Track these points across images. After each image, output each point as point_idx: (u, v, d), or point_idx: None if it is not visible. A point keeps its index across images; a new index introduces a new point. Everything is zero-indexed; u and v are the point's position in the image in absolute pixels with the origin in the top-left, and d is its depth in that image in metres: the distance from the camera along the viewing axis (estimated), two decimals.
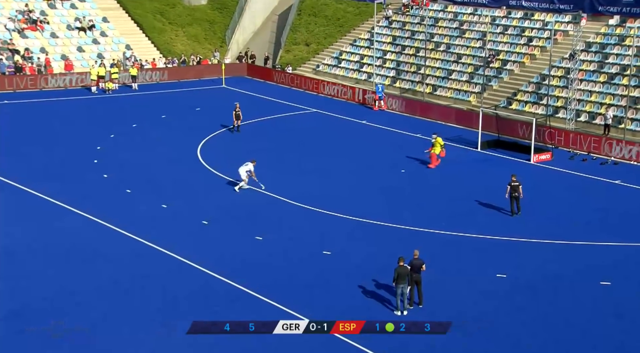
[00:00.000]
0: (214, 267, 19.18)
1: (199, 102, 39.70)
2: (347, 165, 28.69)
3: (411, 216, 23.04)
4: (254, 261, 19.67)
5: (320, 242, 20.92)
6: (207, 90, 43.07)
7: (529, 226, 22.23)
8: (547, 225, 22.29)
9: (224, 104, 39.57)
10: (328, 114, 37.59)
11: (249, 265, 19.40)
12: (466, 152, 30.71)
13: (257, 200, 24.50)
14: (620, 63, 34.17)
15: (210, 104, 39.29)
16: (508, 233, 21.57)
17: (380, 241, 21.03)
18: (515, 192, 22.97)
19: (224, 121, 35.52)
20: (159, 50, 47.72)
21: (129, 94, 41.33)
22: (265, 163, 28.96)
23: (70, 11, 47.37)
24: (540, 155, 29.33)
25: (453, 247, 20.69)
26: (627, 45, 34.64)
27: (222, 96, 41.54)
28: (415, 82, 40.51)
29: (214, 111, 37.65)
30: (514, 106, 35.47)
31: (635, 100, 32.14)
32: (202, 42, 50.40)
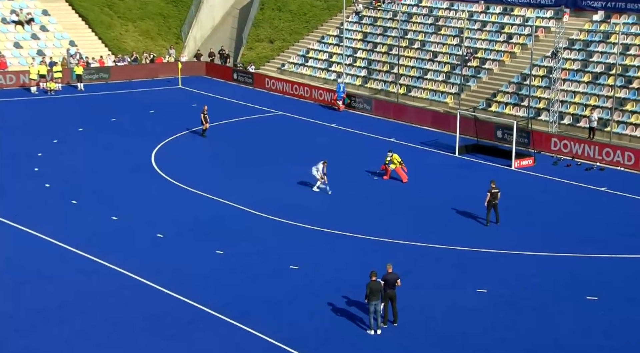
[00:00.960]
0: (171, 285, 19.06)
1: (153, 104, 39.47)
2: None
3: (385, 227, 23.20)
4: (215, 277, 19.61)
5: (287, 256, 20.95)
6: (162, 91, 42.83)
7: (510, 236, 22.58)
8: (529, 236, 22.67)
9: (180, 106, 39.46)
10: (295, 117, 37.71)
11: (209, 282, 19.34)
12: (443, 157, 31.06)
13: (217, 211, 24.43)
14: (605, 62, 35.04)
15: (166, 106, 39.11)
16: (488, 245, 21.89)
17: (352, 255, 21.14)
18: (495, 200, 23.27)
19: (181, 125, 35.44)
20: (107, 47, 47.28)
21: (74, 95, 40.87)
22: (227, 171, 28.95)
23: (5, 2, 46.58)
24: (521, 160, 29.80)
25: (430, 260, 20.88)
26: (612, 42, 35.56)
27: (178, 97, 41.37)
28: (388, 82, 40.89)
29: (170, 114, 37.48)
30: (494, 107, 36.03)
31: (622, 101, 32.99)
32: (155, 38, 50.11)
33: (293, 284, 19.27)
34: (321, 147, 32.42)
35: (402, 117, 36.70)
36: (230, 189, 26.44)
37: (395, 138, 33.74)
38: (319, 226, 23.14)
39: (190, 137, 33.90)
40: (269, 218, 23.83)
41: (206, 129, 33.46)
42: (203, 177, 28.00)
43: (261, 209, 24.51)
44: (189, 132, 34.66)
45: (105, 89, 42.46)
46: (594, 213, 24.54)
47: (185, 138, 33.61)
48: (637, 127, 31.78)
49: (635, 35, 35.32)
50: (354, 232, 22.73)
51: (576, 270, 20.19)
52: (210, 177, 28.05)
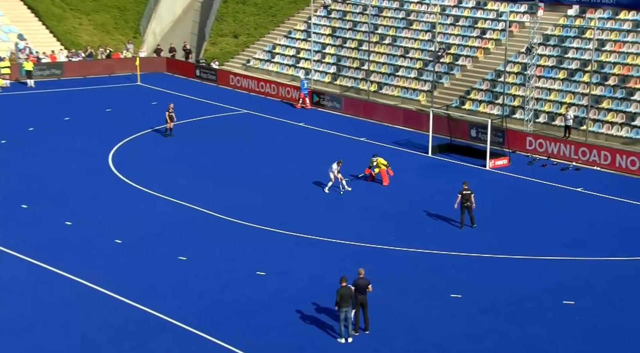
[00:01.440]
0: (132, 294, 18.91)
1: (110, 102, 39.07)
2: (285, 174, 28.80)
3: (356, 231, 23.29)
4: (180, 285, 19.51)
5: (255, 262, 20.93)
6: (119, 88, 42.42)
7: (485, 239, 22.85)
8: (504, 238, 22.98)
9: (139, 104, 39.16)
10: (261, 115, 37.64)
11: (174, 291, 19.24)
12: (416, 157, 31.30)
13: (181, 215, 24.31)
14: (580, 58, 35.70)
15: (124, 104, 38.78)
16: (463, 248, 22.13)
17: (322, 260, 21.20)
18: (467, 201, 23.39)
19: (141, 124, 35.17)
20: (59, 41, 46.64)
21: (24, 92, 40.26)
22: (191, 172, 28.80)
23: None
24: (496, 160, 30.15)
25: (403, 264, 21.03)
26: (587, 38, 36.25)
27: (137, 95, 41.04)
28: (359, 79, 41.05)
29: (128, 113, 37.15)
30: (467, 105, 36.44)
31: (597, 99, 33.66)
32: (111, 32, 49.58)
33: (262, 291, 19.27)
34: (290, 147, 32.45)
35: (373, 115, 36.89)
36: (194, 192, 26.32)
37: (366, 138, 33.91)
38: (289, 231, 23.15)
39: (151, 137, 33.64)
40: (237, 223, 23.76)
41: (171, 129, 33.23)
42: (165, 179, 27.84)
43: (228, 213, 24.42)
44: (150, 131, 34.38)
45: (57, 86, 41.88)
46: (571, 215, 24.97)
47: (146, 138, 33.34)
48: (613, 125, 32.47)
49: (610, 31, 36.08)
50: (324, 236, 22.80)
51: (554, 274, 20.54)
52: (173, 179, 27.89)
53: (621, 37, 35.53)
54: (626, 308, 18.59)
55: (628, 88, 33.36)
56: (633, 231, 23.45)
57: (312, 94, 38.93)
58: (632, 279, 20.20)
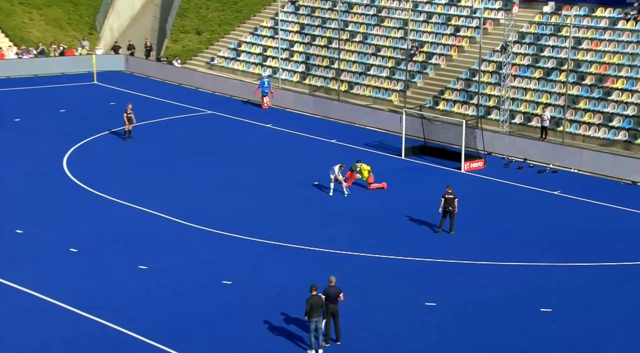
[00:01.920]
0: (89, 306, 18.69)
1: (64, 102, 38.62)
2: (252, 178, 28.76)
3: (327, 237, 23.31)
4: (139, 296, 19.35)
5: (221, 270, 20.83)
6: (74, 87, 41.97)
7: (460, 244, 23.05)
8: (480, 243, 23.19)
9: (96, 104, 38.76)
10: (227, 116, 37.54)
11: (133, 302, 19.07)
12: (388, 160, 31.45)
13: (141, 222, 24.12)
14: (556, 56, 36.25)
15: (79, 104, 38.39)
16: (437, 254, 22.30)
17: (291, 268, 21.18)
18: (450, 206, 23.59)
19: (98, 126, 34.85)
20: (7, 37, 45.95)
21: None
22: (151, 176, 28.61)
23: None
24: (471, 163, 30.47)
25: (376, 272, 21.10)
26: (563, 36, 36.82)
27: (93, 95, 40.69)
28: (329, 78, 41.12)
29: (84, 113, 36.80)
30: (441, 106, 36.74)
31: (574, 99, 34.21)
32: (65, 28, 49.00)
33: (227, 301, 19.19)
34: (256, 149, 32.38)
35: (344, 116, 36.99)
36: (155, 197, 26.15)
37: (336, 139, 33.99)
38: (256, 237, 23.11)
39: (108, 139, 33.36)
40: (200, 229, 23.66)
41: (129, 131, 33.05)
42: (123, 184, 27.64)
43: (190, 219, 24.32)
44: (107, 133, 34.09)
45: (6, 86, 41.26)
46: (548, 219, 25.30)
47: (103, 141, 33.06)
48: (590, 126, 33.02)
49: (587, 28, 36.71)
50: (293, 243, 22.79)
51: (530, 280, 20.80)
52: (132, 184, 27.70)
53: (598, 35, 36.18)
54: (602, 315, 18.88)
55: (605, 88, 33.99)
56: (611, 236, 23.85)
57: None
58: (608, 285, 20.52)
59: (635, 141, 31.57)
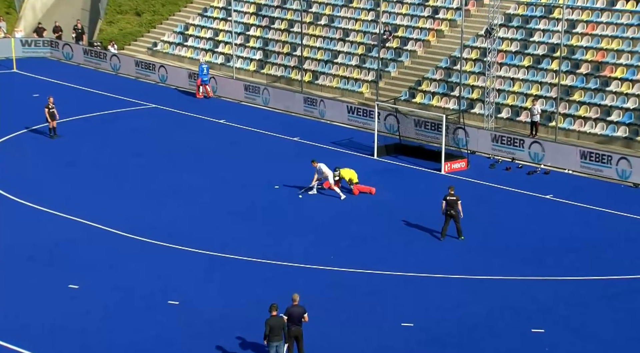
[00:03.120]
0: (8, 334, 18.38)
1: None
2: (199, 181, 28.64)
3: (289, 249, 23.28)
4: (67, 322, 19.08)
5: (164, 288, 20.68)
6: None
7: (436, 255, 23.14)
8: (459, 255, 23.28)
9: (16, 96, 38.32)
10: (172, 110, 37.33)
11: (60, 328, 18.82)
12: (359, 160, 31.42)
13: (69, 233, 23.88)
14: (548, 42, 36.59)
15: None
16: (411, 267, 22.35)
17: (247, 284, 21.09)
18: (452, 209, 23.86)
19: (18, 122, 34.39)
20: None
21: None
22: (85, 181, 28.31)
23: None
24: (452, 163, 30.62)
25: (343, 288, 21.09)
26: (555, 18, 37.23)
27: (12, 85, 40.21)
28: (290, 67, 41.06)
29: (2, 106, 36.31)
30: (418, 99, 36.87)
31: (568, 90, 34.59)
32: None
33: (172, 325, 19.04)
34: (207, 149, 32.20)
35: (308, 111, 36.95)
36: (85, 205, 25.95)
37: (300, 137, 33.96)
38: (203, 249, 23.00)
39: (30, 138, 32.99)
40: (139, 240, 23.55)
41: (54, 128, 32.64)
42: (50, 190, 27.39)
43: (129, 229, 24.18)
44: (28, 131, 33.67)
45: None
46: (538, 226, 25.50)
47: (25, 140, 32.69)
48: (586, 121, 33.39)
49: (582, 9, 37.15)
50: (247, 255, 22.70)
51: (514, 296, 20.92)
52: (60, 190, 27.48)
53: (594, 17, 36.62)
54: (592, 336, 19.03)
55: (603, 77, 34.40)
56: (606, 245, 24.11)
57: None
58: (598, 301, 20.66)
59: (637, 138, 32.00)
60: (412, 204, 26.77)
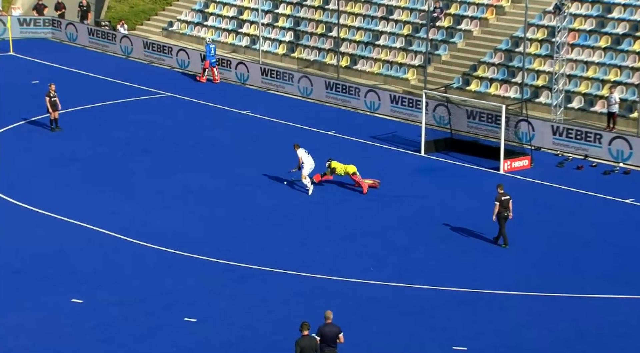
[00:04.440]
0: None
1: None
2: (218, 182, 28.76)
3: (320, 259, 23.25)
4: (62, 343, 19.09)
5: (176, 304, 20.68)
6: None
7: (494, 270, 22.97)
8: (521, 269, 23.06)
9: (12, 83, 38.70)
10: (189, 100, 37.45)
11: (54, 352, 18.79)
12: (403, 157, 31.36)
13: (70, 239, 24.01)
14: (629, 19, 36.04)
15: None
16: (463, 282, 22.19)
17: (273, 299, 21.10)
18: (507, 210, 23.96)
19: (14, 112, 34.76)
20: None
21: None
22: (87, 180, 28.57)
23: None
24: (513, 161, 30.42)
25: (383, 305, 21.02)
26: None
27: (8, 70, 40.59)
28: (325, 50, 41.04)
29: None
30: (474, 86, 36.66)
31: None
32: None
33: (185, 345, 19.01)
34: (225, 144, 32.34)
35: (345, 100, 36.89)
36: (87, 207, 26.12)
37: (335, 131, 33.91)
38: (221, 258, 23.07)
39: (28, 130, 33.31)
40: (147, 247, 23.67)
41: (56, 120, 32.98)
42: (46, 189, 27.63)
43: (135, 234, 24.31)
44: (26, 123, 34.02)
45: None
46: (615, 236, 25.19)
47: (21, 132, 32.99)
48: None
49: None
50: (272, 266, 22.73)
51: (586, 319, 20.63)
52: (58, 189, 27.70)
53: None
54: None
55: None
56: None
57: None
58: None
59: None
60: (465, 209, 26.56)
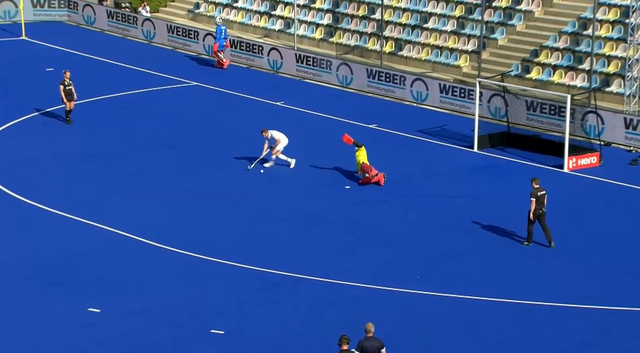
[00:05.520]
0: None
1: None
2: (247, 181, 28.95)
3: (359, 265, 23.34)
4: (79, 349, 19.34)
5: (204, 313, 20.87)
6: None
7: (550, 280, 22.87)
8: (584, 279, 22.95)
9: (24, 70, 39.23)
10: (218, 90, 37.64)
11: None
12: (454, 153, 31.40)
13: (88, 242, 24.30)
14: None
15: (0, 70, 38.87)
16: (517, 293, 22.12)
17: (307, 310, 21.19)
18: (543, 206, 24.11)
19: (26, 103, 35.11)
20: None
21: None
22: (106, 178, 28.86)
23: None
24: (579, 158, 30.34)
25: (430, 317, 21.05)
26: None
27: (21, 56, 41.12)
28: (366, 34, 41.08)
29: (7, 84, 37.15)
30: (534, 74, 36.50)
31: None
32: None
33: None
34: (257, 139, 32.36)
35: (389, 90, 36.98)
36: (105, 208, 26.36)
37: (377, 124, 33.99)
38: (249, 264, 23.19)
39: (42, 122, 33.63)
40: (170, 251, 23.84)
41: (70, 110, 33.29)
42: (59, 187, 27.87)
43: (156, 237, 24.50)
44: (39, 114, 34.32)
45: None
46: None
47: (34, 124, 33.34)
48: None
49: None
50: (306, 273, 22.82)
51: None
52: (73, 188, 27.93)
53: None
54: None
55: None
56: None
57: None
58: None
59: None
60: (522, 212, 26.28)
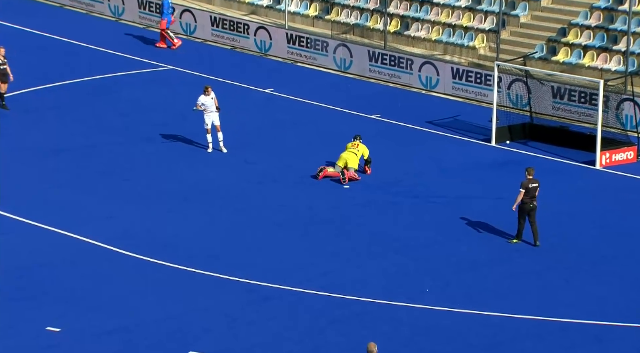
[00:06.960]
0: None
1: None
2: (236, 180, 29.04)
3: (365, 277, 23.42)
4: None
5: (184, 331, 20.90)
6: None
7: (587, 294, 22.99)
8: (623, 293, 23.06)
9: None
10: (197, 74, 37.81)
11: None
12: (469, 147, 31.59)
13: (48, 252, 24.31)
14: None
15: None
16: (549, 309, 22.22)
17: (306, 327, 21.27)
18: (534, 200, 24.41)
19: None
20: None
21: None
22: (71, 177, 28.82)
23: None
24: (613, 152, 30.48)
25: (446, 336, 21.12)
26: None
27: None
28: (368, 11, 41.17)
29: None
30: (561, 56, 36.61)
31: None
32: None
33: None
34: (245, 131, 32.50)
35: (394, 75, 37.13)
36: (78, 212, 26.43)
37: (380, 114, 34.08)
38: (239, 276, 23.25)
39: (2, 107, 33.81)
40: (148, 262, 23.89)
41: (3, 94, 33.37)
42: (25, 187, 27.93)
43: (131, 246, 24.54)
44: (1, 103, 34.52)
45: None
46: None
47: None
48: None
49: None
50: (303, 286, 22.89)
51: None
52: (39, 189, 27.99)
53: None
54: None
55: None
56: None
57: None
58: None
59: None
60: (549, 214, 26.50)
